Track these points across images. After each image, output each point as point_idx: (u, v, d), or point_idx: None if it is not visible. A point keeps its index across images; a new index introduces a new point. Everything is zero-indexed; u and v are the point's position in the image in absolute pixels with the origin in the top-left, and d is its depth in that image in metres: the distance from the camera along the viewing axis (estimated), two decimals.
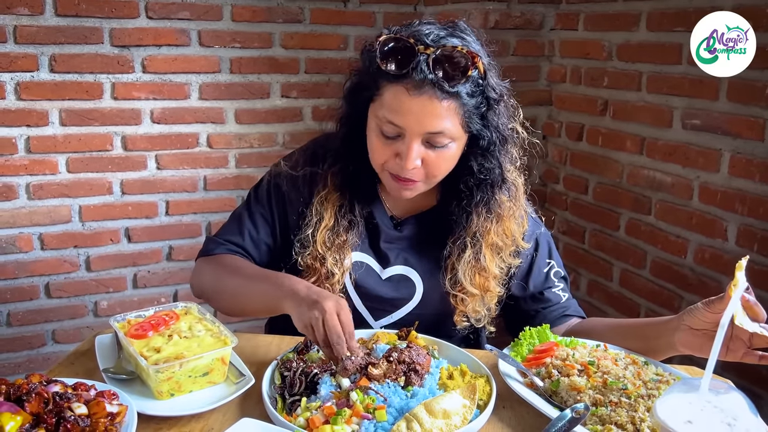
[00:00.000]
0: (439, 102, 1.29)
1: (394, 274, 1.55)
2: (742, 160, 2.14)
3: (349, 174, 1.50)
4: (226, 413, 1.18)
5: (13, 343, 2.72)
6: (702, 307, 1.25)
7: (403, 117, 1.31)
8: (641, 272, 2.59)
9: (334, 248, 1.48)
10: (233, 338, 1.25)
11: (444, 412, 1.12)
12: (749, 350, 1.20)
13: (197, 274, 1.60)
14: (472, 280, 1.49)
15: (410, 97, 1.29)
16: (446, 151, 1.36)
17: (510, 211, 1.50)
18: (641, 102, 2.52)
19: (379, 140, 1.37)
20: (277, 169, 1.59)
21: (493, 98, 1.37)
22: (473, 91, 1.33)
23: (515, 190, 1.52)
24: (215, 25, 2.75)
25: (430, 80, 1.27)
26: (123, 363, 1.28)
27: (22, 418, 0.97)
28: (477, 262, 1.48)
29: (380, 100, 1.35)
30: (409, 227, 1.56)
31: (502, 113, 1.41)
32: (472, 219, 1.47)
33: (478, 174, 1.44)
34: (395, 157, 1.36)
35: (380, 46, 1.31)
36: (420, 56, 1.28)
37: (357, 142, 1.45)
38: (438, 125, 1.31)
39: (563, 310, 1.58)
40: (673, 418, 0.94)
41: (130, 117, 2.71)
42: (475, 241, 1.48)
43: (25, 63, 2.51)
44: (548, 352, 1.33)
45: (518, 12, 2.89)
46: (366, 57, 1.38)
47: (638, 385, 1.18)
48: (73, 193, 2.69)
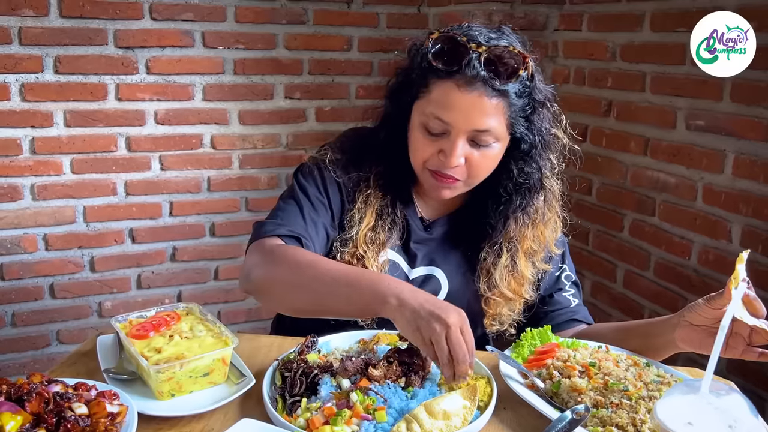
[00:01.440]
0: (489, 99, 1.31)
1: (420, 274, 1.55)
2: (746, 161, 2.13)
3: (391, 174, 1.49)
4: (227, 413, 1.18)
5: (18, 343, 2.74)
6: (702, 303, 1.24)
7: (452, 113, 1.32)
8: (645, 273, 2.58)
9: (375, 246, 1.47)
10: (234, 339, 1.25)
11: (444, 413, 1.11)
12: (749, 347, 1.19)
13: (258, 265, 1.36)
14: (508, 284, 1.49)
15: (460, 93, 1.30)
16: (490, 151, 1.37)
17: (546, 217, 1.51)
18: (645, 103, 2.51)
19: (423, 137, 1.38)
20: (319, 158, 1.52)
21: (539, 101, 1.39)
22: (521, 91, 1.35)
23: (551, 197, 1.53)
24: (219, 27, 2.76)
25: (481, 77, 1.29)
26: (124, 363, 1.29)
27: (23, 418, 0.97)
28: (513, 268, 1.49)
29: (428, 96, 1.36)
30: (438, 228, 1.56)
31: (546, 118, 1.42)
32: (510, 224, 1.47)
33: (517, 178, 1.44)
34: (438, 153, 1.36)
35: (433, 43, 1.33)
36: (472, 53, 1.30)
37: (400, 142, 1.45)
38: (485, 123, 1.32)
39: (571, 315, 1.58)
40: (673, 419, 0.94)
41: (134, 118, 2.72)
42: (511, 246, 1.49)
43: (29, 64, 2.52)
44: (549, 353, 1.32)
45: (521, 13, 2.89)
46: (415, 54, 1.40)
47: (639, 386, 1.18)
48: (77, 193, 2.70)
